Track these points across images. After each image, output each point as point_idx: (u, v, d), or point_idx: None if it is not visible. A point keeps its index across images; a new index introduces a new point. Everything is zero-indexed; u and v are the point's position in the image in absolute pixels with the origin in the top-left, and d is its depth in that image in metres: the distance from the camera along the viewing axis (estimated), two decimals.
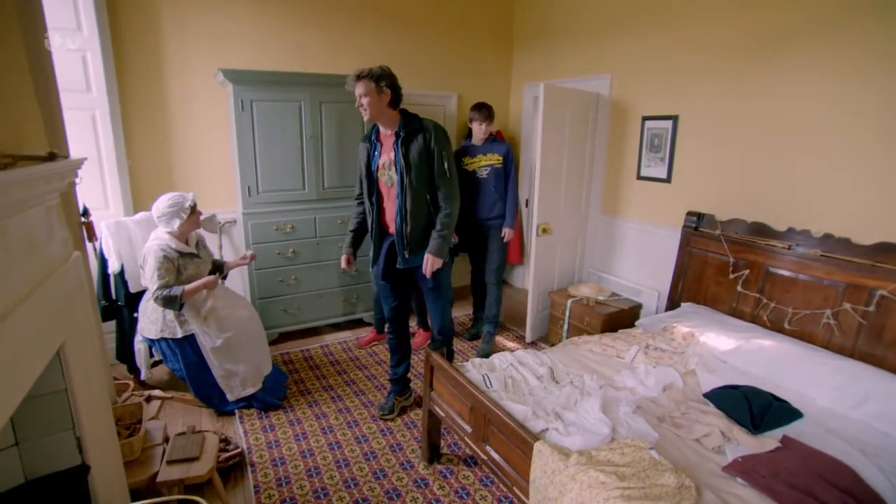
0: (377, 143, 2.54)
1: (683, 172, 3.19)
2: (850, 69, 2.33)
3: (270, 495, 2.17)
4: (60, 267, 1.29)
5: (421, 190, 2.44)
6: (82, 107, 2.90)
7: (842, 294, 2.32)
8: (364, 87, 2.33)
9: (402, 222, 2.45)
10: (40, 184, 1.07)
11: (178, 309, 2.51)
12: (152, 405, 2.57)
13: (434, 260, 2.48)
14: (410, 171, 2.41)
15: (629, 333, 2.79)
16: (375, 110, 2.37)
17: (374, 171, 2.54)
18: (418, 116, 2.50)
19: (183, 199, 2.53)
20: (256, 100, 3.16)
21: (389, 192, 2.52)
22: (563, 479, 1.51)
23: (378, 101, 2.36)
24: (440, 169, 2.45)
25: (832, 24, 2.38)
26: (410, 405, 2.85)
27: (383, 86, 2.35)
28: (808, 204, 2.54)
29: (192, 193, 2.60)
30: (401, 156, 2.40)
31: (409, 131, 2.42)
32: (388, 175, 2.49)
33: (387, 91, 2.36)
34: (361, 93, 2.34)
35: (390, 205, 2.53)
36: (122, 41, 3.08)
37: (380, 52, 3.93)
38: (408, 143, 2.42)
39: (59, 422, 1.37)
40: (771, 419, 1.94)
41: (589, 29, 3.76)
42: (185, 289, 2.49)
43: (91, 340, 1.52)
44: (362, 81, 2.33)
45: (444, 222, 2.49)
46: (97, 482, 1.44)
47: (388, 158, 2.48)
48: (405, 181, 2.41)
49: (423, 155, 2.42)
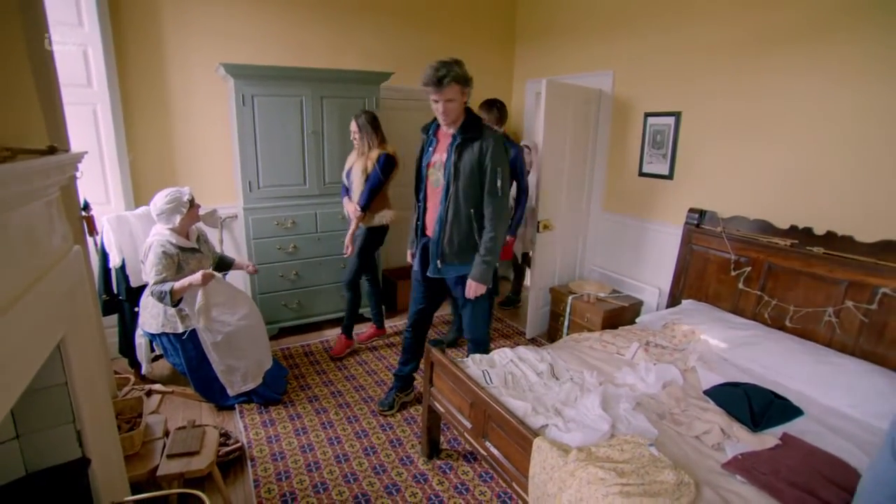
0: (434, 137, 2.38)
1: (685, 169, 3.18)
2: (851, 67, 2.32)
3: (270, 490, 2.17)
4: (61, 261, 1.29)
5: (466, 202, 2.27)
6: (83, 101, 2.90)
7: (844, 292, 2.31)
8: (451, 93, 2.14)
9: (440, 230, 2.32)
10: (40, 177, 1.06)
11: (172, 304, 2.49)
12: (153, 399, 2.57)
13: (477, 286, 2.32)
14: (459, 180, 2.24)
15: (630, 330, 2.79)
16: (457, 115, 2.22)
17: (423, 167, 2.39)
18: (481, 121, 2.31)
19: (180, 195, 2.53)
20: (258, 94, 3.15)
21: (434, 193, 2.37)
22: (562, 476, 1.51)
23: (461, 103, 2.20)
24: (492, 186, 2.24)
25: (834, 22, 2.36)
26: (411, 401, 2.85)
27: (468, 88, 2.18)
28: (811, 201, 2.53)
29: (187, 188, 2.60)
30: (452, 162, 2.24)
31: (467, 138, 2.23)
32: (436, 175, 2.35)
33: (467, 91, 2.19)
34: (448, 98, 2.14)
35: (432, 206, 2.39)
36: (124, 36, 3.07)
37: (381, 48, 3.92)
38: (462, 149, 2.24)
39: (60, 415, 1.37)
40: (771, 417, 1.94)
41: (592, 25, 3.74)
42: (175, 286, 2.45)
43: (91, 334, 1.52)
44: (450, 87, 2.12)
45: (489, 247, 2.28)
46: (98, 475, 1.45)
47: (440, 159, 2.33)
48: (451, 189, 2.26)
49: (476, 167, 2.23)
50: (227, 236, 3.64)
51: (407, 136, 4.15)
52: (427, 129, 2.43)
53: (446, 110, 2.18)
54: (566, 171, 3.57)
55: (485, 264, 2.30)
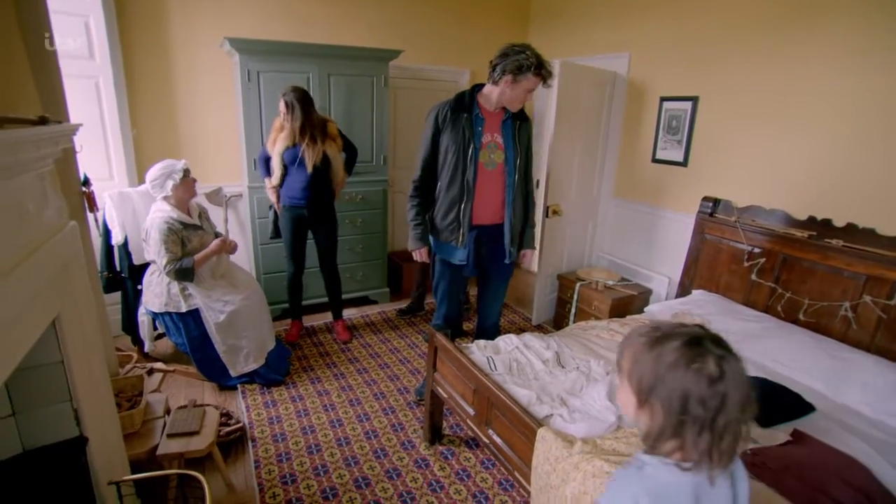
0: (481, 117, 2.26)
1: (701, 156, 3.08)
2: (877, 54, 2.21)
3: (270, 471, 2.17)
4: (54, 236, 1.25)
5: (521, 181, 2.36)
6: (85, 74, 2.84)
7: (862, 286, 2.24)
8: (535, 83, 2.17)
9: (512, 213, 2.33)
10: (29, 148, 1.02)
11: (192, 280, 2.52)
12: (154, 378, 2.56)
13: (531, 252, 2.52)
14: (519, 158, 2.29)
15: (638, 319, 2.74)
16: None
17: (472, 150, 2.21)
18: None
19: (173, 164, 2.50)
20: (263, 71, 3.07)
21: (490, 176, 2.28)
22: (566, 467, 1.47)
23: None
24: (531, 163, 2.40)
25: (859, 6, 2.24)
26: None
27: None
28: (831, 192, 2.44)
29: (183, 160, 2.57)
30: (514, 140, 2.25)
31: (519, 116, 2.28)
32: (489, 158, 2.26)
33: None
34: (531, 88, 2.17)
35: (488, 191, 2.30)
36: (126, 6, 2.99)
37: (389, 25, 3.81)
38: (518, 128, 2.28)
39: (56, 393, 1.34)
40: (782, 412, 1.89)
41: (608, 5, 3.61)
42: (196, 258, 2.50)
43: (89, 312, 1.49)
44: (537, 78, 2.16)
45: (533, 217, 2.51)
46: (96, 454, 1.43)
47: (493, 138, 2.27)
48: (515, 175, 2.29)
49: (527, 145, 2.34)
50: (231, 215, 3.60)
51: (413, 116, 4.07)
52: (458, 108, 2.24)
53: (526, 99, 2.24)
54: (577, 156, 3.48)
55: (531, 229, 2.51)
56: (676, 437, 0.82)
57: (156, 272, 2.58)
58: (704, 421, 0.79)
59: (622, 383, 0.91)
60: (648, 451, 0.86)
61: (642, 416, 0.87)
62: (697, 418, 0.79)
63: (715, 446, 0.79)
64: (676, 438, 0.82)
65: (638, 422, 0.89)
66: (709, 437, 0.79)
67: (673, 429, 0.81)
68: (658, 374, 0.82)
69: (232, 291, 2.68)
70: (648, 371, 0.83)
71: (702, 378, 0.79)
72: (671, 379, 0.80)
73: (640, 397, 0.85)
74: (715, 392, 0.78)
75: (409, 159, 4.10)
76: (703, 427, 0.79)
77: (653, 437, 0.84)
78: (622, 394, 0.91)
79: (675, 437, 0.82)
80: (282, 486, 2.08)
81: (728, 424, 0.79)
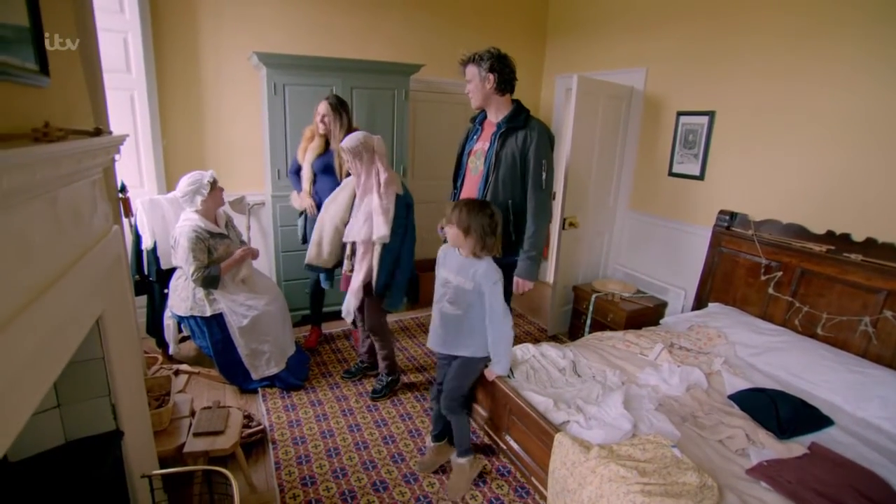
0: (479, 127, 2.43)
1: (717, 170, 3.10)
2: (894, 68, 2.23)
3: (291, 472, 2.22)
4: (102, 239, 1.34)
5: (504, 192, 2.27)
6: (122, 87, 2.98)
7: (883, 301, 2.23)
8: (469, 73, 2.26)
9: None
10: (88, 157, 1.10)
11: (217, 287, 2.63)
12: (180, 379, 2.65)
13: (524, 283, 2.31)
14: (499, 170, 2.26)
15: (654, 331, 2.75)
16: (479, 96, 2.28)
17: (465, 154, 2.43)
18: (528, 112, 2.33)
19: (201, 177, 2.60)
20: (289, 84, 3.19)
21: (472, 181, 2.38)
22: (583, 472, 1.50)
23: (481, 86, 2.25)
24: (536, 178, 2.23)
25: (874, 23, 2.27)
26: None
27: (486, 70, 2.23)
28: (850, 206, 2.45)
29: (211, 171, 2.67)
30: (494, 150, 2.25)
31: (511, 127, 2.26)
32: (475, 164, 2.36)
33: (489, 77, 2.24)
34: (468, 78, 2.27)
35: (467, 193, 2.42)
36: (161, 23, 3.14)
37: (410, 39, 3.92)
38: (505, 138, 2.26)
39: (97, 388, 1.42)
40: (799, 425, 1.89)
41: (626, 21, 3.67)
42: (222, 266, 2.61)
43: (127, 312, 1.58)
44: (468, 66, 2.27)
45: (532, 242, 2.28)
46: (129, 448, 1.50)
47: (482, 147, 2.34)
48: (490, 178, 2.27)
49: (518, 157, 2.23)
50: (254, 223, 3.71)
51: (434, 129, 4.16)
52: (474, 118, 2.47)
53: (468, 90, 2.30)
54: (594, 168, 3.53)
55: (529, 260, 2.29)
56: (482, 245, 1.89)
57: (182, 277, 2.67)
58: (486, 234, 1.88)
59: (453, 228, 1.90)
60: (480, 255, 1.91)
61: (467, 240, 1.90)
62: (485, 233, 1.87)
63: (486, 245, 1.89)
64: (482, 245, 1.89)
65: (461, 244, 1.92)
66: (491, 240, 1.90)
67: (481, 242, 1.89)
68: (471, 218, 1.87)
69: (255, 297, 2.75)
70: (465, 219, 1.87)
71: (484, 216, 1.88)
72: (476, 218, 1.87)
73: (464, 230, 1.88)
74: (492, 221, 1.89)
75: (428, 171, 4.18)
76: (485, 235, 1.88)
77: (478, 249, 1.90)
78: (451, 234, 1.93)
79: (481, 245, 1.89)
80: (301, 488, 2.13)
81: (493, 235, 1.90)
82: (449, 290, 1.99)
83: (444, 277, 2.01)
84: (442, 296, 2.02)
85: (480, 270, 1.91)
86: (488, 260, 1.93)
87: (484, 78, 2.24)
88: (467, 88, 2.29)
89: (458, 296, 1.96)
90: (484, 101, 2.30)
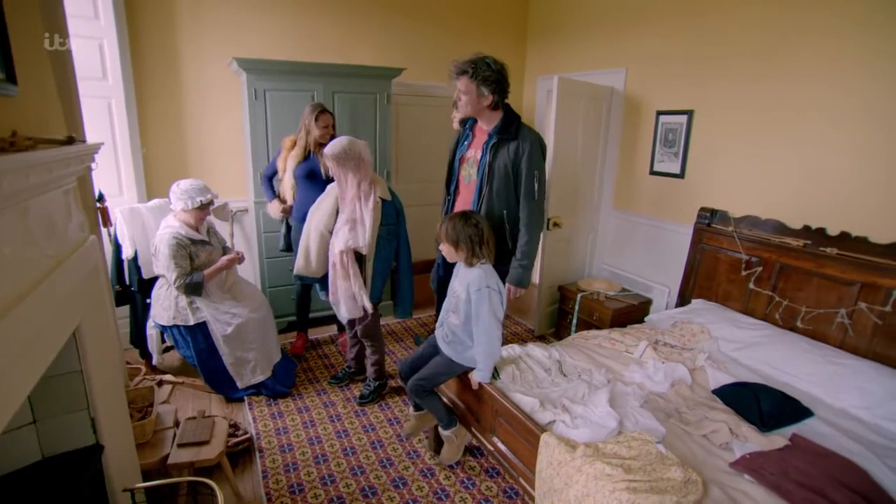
0: (469, 132, 2.38)
1: (697, 168, 3.15)
2: (866, 68, 2.29)
3: (278, 480, 2.20)
4: (78, 249, 1.31)
5: (499, 204, 2.28)
6: (98, 95, 2.93)
7: (857, 293, 2.29)
8: (463, 84, 2.19)
9: None
10: (59, 166, 1.08)
11: (201, 294, 2.58)
12: (163, 389, 2.61)
13: (516, 290, 2.35)
14: (493, 181, 2.25)
15: (638, 329, 2.78)
16: (472, 109, 2.24)
17: (456, 161, 2.38)
18: (519, 120, 2.30)
19: (206, 189, 2.57)
20: (270, 89, 3.17)
21: (466, 189, 2.37)
22: (569, 471, 1.51)
23: (476, 101, 2.21)
24: (528, 189, 2.24)
25: (848, 24, 2.33)
26: None
27: (487, 91, 2.18)
28: (825, 202, 2.51)
29: (215, 192, 2.66)
30: (486, 162, 2.24)
31: (503, 138, 2.25)
32: (468, 172, 2.34)
33: (489, 97, 2.21)
34: (462, 90, 2.20)
35: (463, 202, 2.40)
36: (138, 30, 3.10)
37: (391, 43, 3.92)
38: (497, 149, 2.25)
39: (75, 402, 1.39)
40: (781, 417, 1.92)
41: (605, 22, 3.72)
42: (206, 273, 2.56)
43: (106, 323, 1.55)
44: (463, 79, 2.18)
45: (525, 250, 2.31)
46: (110, 462, 1.47)
47: (474, 155, 2.32)
48: (484, 190, 2.26)
49: (511, 168, 2.23)
50: (237, 230, 3.67)
51: (417, 132, 4.16)
52: (465, 122, 2.45)
53: (459, 98, 2.26)
54: (577, 169, 3.56)
55: (521, 268, 2.34)
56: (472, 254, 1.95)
57: (164, 286, 2.64)
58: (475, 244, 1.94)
59: (445, 244, 1.99)
60: (473, 264, 1.97)
61: (459, 253, 1.98)
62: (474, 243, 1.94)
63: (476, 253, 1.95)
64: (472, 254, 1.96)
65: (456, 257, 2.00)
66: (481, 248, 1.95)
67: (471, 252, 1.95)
68: (458, 232, 1.94)
69: (239, 304, 2.73)
70: (452, 233, 1.95)
71: (470, 227, 1.94)
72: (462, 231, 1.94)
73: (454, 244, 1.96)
74: (478, 231, 1.94)
75: (412, 174, 4.18)
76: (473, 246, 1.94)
77: (470, 258, 1.96)
78: (444, 249, 2.01)
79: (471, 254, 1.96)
80: (289, 496, 2.11)
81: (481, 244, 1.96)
82: (453, 299, 2.07)
83: (453, 287, 2.10)
84: (449, 304, 2.11)
85: (470, 278, 1.96)
86: (483, 268, 1.97)
87: (481, 95, 2.20)
88: (458, 97, 2.22)
89: (458, 304, 2.03)
90: (476, 113, 2.28)
